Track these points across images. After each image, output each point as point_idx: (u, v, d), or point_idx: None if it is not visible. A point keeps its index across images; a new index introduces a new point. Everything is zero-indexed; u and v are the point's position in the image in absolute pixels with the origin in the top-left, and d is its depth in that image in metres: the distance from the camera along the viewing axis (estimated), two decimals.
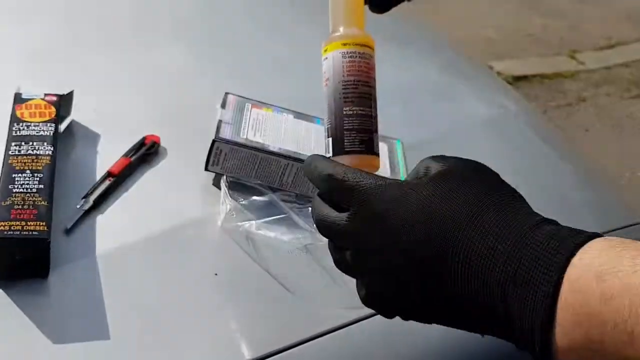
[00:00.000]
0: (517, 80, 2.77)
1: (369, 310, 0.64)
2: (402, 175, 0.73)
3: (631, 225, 0.97)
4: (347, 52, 0.48)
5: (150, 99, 0.83)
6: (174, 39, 0.97)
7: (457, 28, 3.10)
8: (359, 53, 0.49)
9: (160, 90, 0.85)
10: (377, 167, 0.49)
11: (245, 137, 0.70)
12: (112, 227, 0.64)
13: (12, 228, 0.58)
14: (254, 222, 0.66)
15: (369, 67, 0.49)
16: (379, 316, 0.65)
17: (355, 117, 0.48)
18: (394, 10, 0.54)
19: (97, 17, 0.98)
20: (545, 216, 0.41)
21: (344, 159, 0.47)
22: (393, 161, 0.75)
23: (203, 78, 0.89)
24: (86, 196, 0.66)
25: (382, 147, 0.76)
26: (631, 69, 3.00)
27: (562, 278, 0.36)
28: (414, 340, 0.65)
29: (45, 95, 0.73)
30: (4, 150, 0.65)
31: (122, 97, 0.83)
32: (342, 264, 0.46)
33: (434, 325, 0.66)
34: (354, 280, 0.66)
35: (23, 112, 0.70)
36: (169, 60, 0.91)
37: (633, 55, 3.11)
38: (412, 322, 0.65)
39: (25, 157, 0.65)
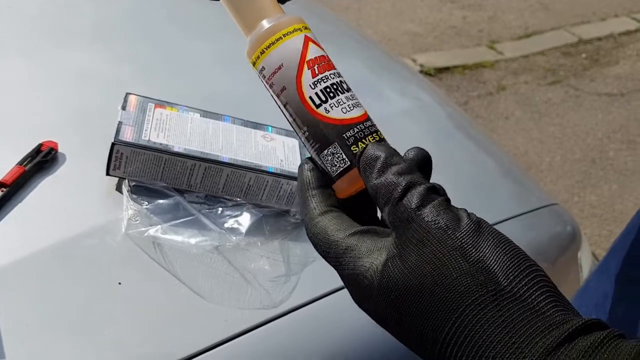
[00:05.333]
0: (439, 72, 2.83)
1: (284, 309, 0.64)
2: None
3: (547, 206, 1.01)
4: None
5: (47, 103, 0.78)
6: (72, 40, 0.92)
7: (382, 23, 3.15)
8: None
9: (59, 94, 0.81)
10: None
11: (147, 138, 0.67)
12: (6, 241, 0.60)
13: None
14: (159, 226, 0.64)
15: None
16: (294, 313, 0.65)
17: None
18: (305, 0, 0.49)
19: None
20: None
21: None
22: (304, 156, 0.74)
23: (104, 80, 0.85)
24: None
25: (293, 143, 0.75)
26: (547, 56, 3.12)
27: None
28: (331, 337, 0.64)
29: None
30: None
31: (17, 102, 0.78)
32: None
33: (349, 323, 0.66)
34: (267, 281, 0.65)
35: None
36: (67, 63, 0.87)
37: (548, 43, 3.24)
38: (329, 319, 0.65)
39: None
